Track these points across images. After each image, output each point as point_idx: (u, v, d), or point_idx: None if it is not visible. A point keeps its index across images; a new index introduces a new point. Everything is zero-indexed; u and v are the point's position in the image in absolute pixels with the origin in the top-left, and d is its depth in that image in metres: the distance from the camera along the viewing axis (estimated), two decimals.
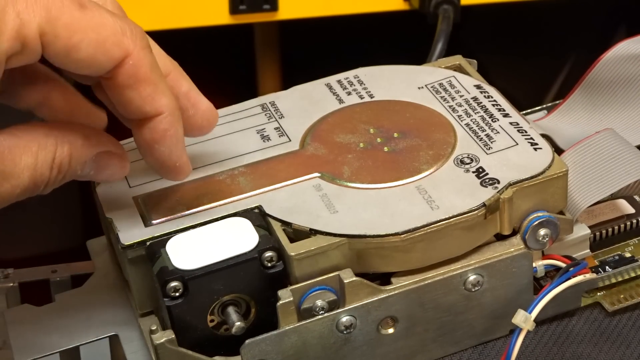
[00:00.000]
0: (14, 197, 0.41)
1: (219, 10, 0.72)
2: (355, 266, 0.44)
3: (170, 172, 0.44)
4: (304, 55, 0.88)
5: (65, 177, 0.42)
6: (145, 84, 0.42)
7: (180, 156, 0.44)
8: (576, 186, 0.48)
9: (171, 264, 0.43)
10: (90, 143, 0.43)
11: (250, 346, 0.43)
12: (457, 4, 0.72)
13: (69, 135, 0.42)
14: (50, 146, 0.41)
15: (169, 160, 0.44)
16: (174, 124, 0.43)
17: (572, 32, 0.88)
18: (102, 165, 0.43)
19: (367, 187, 0.46)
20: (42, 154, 0.41)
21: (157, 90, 0.42)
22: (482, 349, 0.47)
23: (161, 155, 0.43)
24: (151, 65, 0.42)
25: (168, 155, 0.43)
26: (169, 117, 0.42)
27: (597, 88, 0.54)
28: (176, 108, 0.43)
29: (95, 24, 0.40)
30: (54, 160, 0.41)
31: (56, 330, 0.48)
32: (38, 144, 0.41)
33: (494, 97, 0.50)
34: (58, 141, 0.41)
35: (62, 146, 0.41)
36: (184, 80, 0.45)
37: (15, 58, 0.39)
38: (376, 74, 0.53)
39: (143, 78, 0.41)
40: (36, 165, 0.41)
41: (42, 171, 0.41)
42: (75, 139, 0.42)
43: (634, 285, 0.49)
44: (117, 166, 0.44)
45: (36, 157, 0.41)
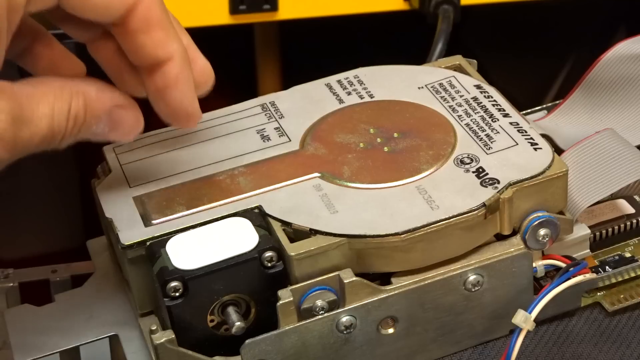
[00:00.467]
0: (33, 145, 0.41)
1: (219, 10, 0.72)
2: (355, 266, 0.44)
3: (182, 119, 0.44)
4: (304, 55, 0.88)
5: (81, 130, 0.42)
6: (158, 28, 0.42)
7: (192, 101, 0.44)
8: (576, 186, 0.48)
9: (171, 264, 0.43)
10: (104, 95, 0.43)
11: (250, 346, 0.43)
12: (457, 4, 0.72)
13: (83, 87, 0.42)
14: (66, 96, 0.41)
15: (182, 106, 0.44)
16: (185, 68, 0.43)
17: (572, 32, 0.88)
18: (116, 120, 0.43)
19: (367, 187, 0.46)
20: (59, 103, 0.41)
21: (169, 35, 0.43)
22: (482, 349, 0.47)
23: (174, 100, 0.44)
24: (162, 9, 0.42)
25: (180, 100, 0.44)
26: (181, 62, 0.43)
27: (597, 88, 0.54)
28: (186, 53, 0.43)
29: None
30: (69, 110, 0.41)
31: (56, 330, 0.48)
32: (54, 94, 0.41)
33: (494, 97, 0.50)
34: (73, 92, 0.42)
35: (77, 97, 0.42)
36: (183, 34, 0.45)
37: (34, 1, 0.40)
38: (376, 74, 0.53)
39: (155, 22, 0.42)
40: (53, 114, 0.41)
41: (59, 121, 0.41)
42: (89, 91, 0.42)
43: (634, 285, 0.49)
44: (131, 121, 0.44)
45: (53, 107, 0.41)
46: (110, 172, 0.48)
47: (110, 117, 0.43)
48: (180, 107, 0.44)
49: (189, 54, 0.45)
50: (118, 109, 0.43)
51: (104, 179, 0.48)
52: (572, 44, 0.88)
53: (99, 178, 0.49)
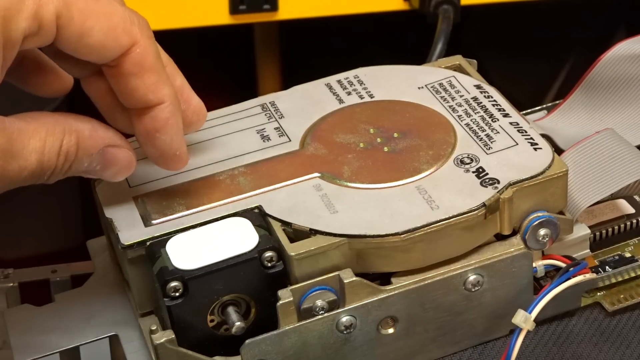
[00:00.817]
0: (20, 180, 0.41)
1: (219, 10, 0.72)
2: (355, 266, 0.44)
3: (169, 161, 0.45)
4: (304, 55, 0.88)
5: (71, 167, 0.42)
6: (150, 73, 0.42)
7: (180, 145, 0.44)
8: (576, 186, 0.48)
9: (171, 264, 0.43)
10: (97, 135, 0.43)
11: (250, 346, 0.43)
12: (457, 4, 0.72)
13: (77, 125, 0.43)
14: (58, 133, 0.42)
15: (170, 149, 0.44)
16: (174, 112, 0.44)
17: (572, 32, 0.88)
18: (109, 160, 0.44)
19: (367, 187, 0.46)
20: (50, 139, 0.41)
21: (160, 79, 0.43)
22: (482, 349, 0.47)
23: (162, 144, 0.44)
24: (156, 55, 0.43)
25: (169, 144, 0.44)
26: (171, 106, 0.43)
27: (597, 88, 0.54)
28: (177, 98, 0.44)
29: (107, 11, 0.41)
30: (61, 147, 0.42)
31: (56, 330, 0.48)
32: (46, 130, 0.41)
33: (494, 97, 0.50)
34: (66, 129, 0.42)
35: (70, 134, 0.42)
36: (177, 75, 0.46)
37: (31, 39, 0.40)
38: (376, 74, 0.53)
39: (148, 67, 0.42)
40: (44, 150, 0.41)
41: (50, 157, 0.41)
42: (82, 129, 0.43)
43: (634, 285, 0.49)
44: (123, 161, 0.44)
45: (44, 142, 0.41)
46: None
47: (103, 156, 0.43)
48: (169, 151, 0.44)
49: (183, 94, 0.46)
50: (111, 149, 0.44)
51: None
52: (572, 44, 0.88)
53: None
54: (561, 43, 0.88)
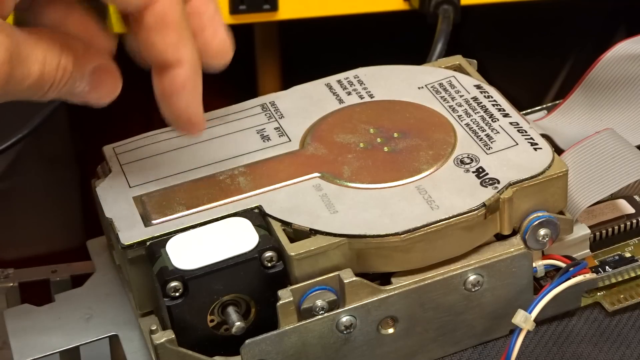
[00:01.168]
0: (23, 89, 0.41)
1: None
2: (355, 266, 0.44)
3: (184, 125, 0.44)
4: (304, 55, 0.88)
5: (67, 84, 0.42)
6: (170, 31, 0.42)
7: (197, 111, 0.44)
8: (576, 186, 0.48)
9: (171, 264, 0.43)
10: (90, 53, 0.43)
11: (250, 346, 0.43)
12: (457, 4, 0.72)
13: (73, 42, 0.42)
14: (57, 48, 0.41)
15: (185, 114, 0.44)
16: (193, 77, 0.43)
17: (572, 32, 0.88)
18: (98, 81, 0.43)
19: (367, 187, 0.46)
20: (50, 52, 0.41)
21: (181, 39, 0.42)
22: (482, 349, 0.47)
23: (178, 106, 0.43)
24: (179, 14, 0.42)
25: (185, 108, 0.44)
26: (189, 70, 0.43)
27: (597, 88, 0.54)
28: (198, 61, 0.43)
29: None
30: (60, 61, 0.41)
31: (56, 330, 0.48)
32: (47, 43, 0.41)
33: (494, 97, 0.50)
34: (63, 44, 0.42)
35: (68, 49, 0.42)
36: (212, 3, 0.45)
37: None
38: (376, 74, 0.53)
39: (169, 24, 0.42)
40: (45, 61, 0.41)
41: (50, 69, 0.41)
42: (77, 47, 0.42)
43: (634, 285, 0.49)
44: (111, 84, 0.44)
45: (45, 54, 0.41)
46: (110, 172, 0.48)
47: (93, 76, 0.43)
48: (184, 114, 0.44)
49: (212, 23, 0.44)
50: (101, 70, 0.43)
51: (104, 179, 0.48)
52: (572, 44, 0.88)
53: (99, 178, 0.49)
54: (561, 43, 0.88)
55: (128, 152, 0.49)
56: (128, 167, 0.48)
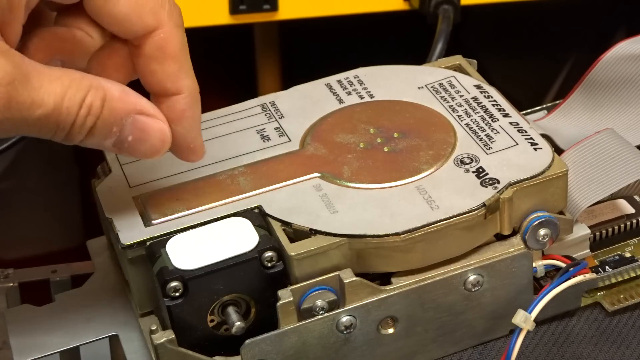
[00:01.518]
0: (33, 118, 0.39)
1: (219, 10, 0.72)
2: (355, 266, 0.44)
3: (183, 153, 0.44)
4: (304, 55, 0.88)
5: (96, 126, 0.40)
6: (171, 61, 0.42)
7: (196, 138, 0.44)
8: (576, 186, 0.48)
9: (171, 264, 0.43)
10: (128, 98, 0.41)
11: (250, 346, 0.43)
12: (457, 4, 0.72)
13: (107, 84, 0.40)
14: (84, 86, 0.40)
15: (184, 141, 0.43)
16: (192, 105, 0.43)
17: (572, 32, 0.88)
18: (142, 129, 0.41)
19: (367, 187, 0.46)
20: (74, 88, 0.39)
21: (182, 69, 0.42)
22: (482, 349, 0.47)
23: (176, 134, 0.43)
24: (181, 44, 0.42)
25: (183, 136, 0.43)
26: (189, 99, 0.43)
27: (597, 88, 0.54)
28: (196, 91, 0.43)
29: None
30: (84, 99, 0.39)
31: (56, 330, 0.48)
32: (71, 80, 0.39)
33: (494, 97, 0.50)
34: (94, 85, 0.40)
35: (97, 90, 0.40)
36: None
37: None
38: (376, 74, 0.53)
39: (170, 54, 0.42)
40: (64, 95, 0.39)
41: (70, 104, 0.39)
42: (112, 89, 0.40)
43: (634, 285, 0.49)
44: (158, 132, 0.42)
45: (66, 89, 0.39)
46: (110, 172, 0.48)
47: (135, 124, 0.41)
48: (183, 142, 0.43)
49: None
50: (144, 117, 0.41)
51: (104, 179, 0.48)
52: (572, 44, 0.88)
53: (99, 178, 0.49)
54: (561, 43, 0.88)
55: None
56: (128, 167, 0.48)
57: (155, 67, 0.42)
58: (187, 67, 0.42)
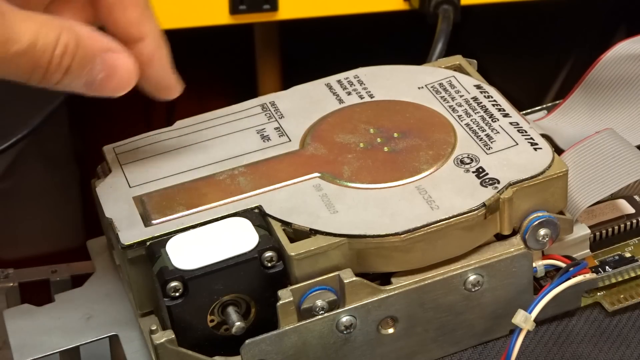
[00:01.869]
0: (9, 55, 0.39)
1: (219, 10, 0.72)
2: (355, 266, 0.44)
3: (161, 92, 0.46)
4: (304, 55, 0.88)
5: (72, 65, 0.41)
6: (132, 7, 0.43)
7: (169, 76, 0.45)
8: (576, 186, 0.48)
9: (171, 264, 0.43)
10: (97, 37, 0.42)
11: (250, 346, 0.43)
12: (457, 4, 0.72)
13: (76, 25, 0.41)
14: (56, 27, 0.40)
15: (158, 82, 0.45)
16: (159, 47, 0.44)
17: (572, 32, 0.88)
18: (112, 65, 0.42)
19: (367, 187, 0.46)
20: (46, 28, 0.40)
21: (143, 15, 0.44)
22: (482, 349, 0.47)
23: (150, 77, 0.45)
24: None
25: (157, 77, 0.45)
26: (154, 41, 0.44)
27: (597, 88, 0.54)
28: (160, 33, 0.44)
29: None
30: (59, 38, 0.40)
31: (56, 330, 0.48)
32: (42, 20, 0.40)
33: (494, 97, 0.50)
34: (64, 26, 0.41)
35: (69, 31, 0.41)
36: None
37: None
38: (376, 74, 0.53)
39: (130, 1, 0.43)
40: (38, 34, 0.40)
41: (45, 42, 0.40)
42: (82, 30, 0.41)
43: (634, 285, 0.49)
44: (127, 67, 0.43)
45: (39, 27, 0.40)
46: (110, 172, 0.48)
47: (105, 61, 0.42)
48: (157, 83, 0.45)
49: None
50: (113, 54, 0.42)
51: (104, 179, 0.48)
52: (572, 44, 0.88)
53: (99, 178, 0.49)
54: (561, 43, 0.88)
55: (128, 152, 0.49)
56: (128, 167, 0.48)
57: (118, 14, 0.43)
58: (148, 13, 0.44)
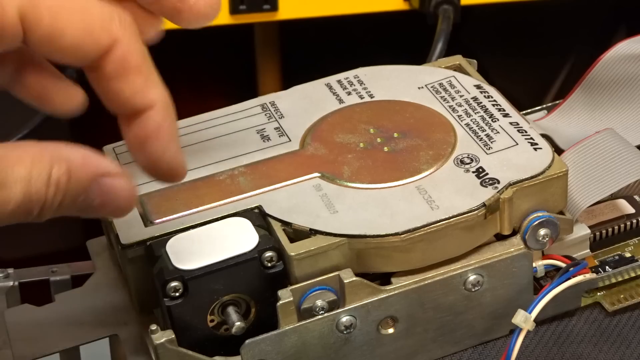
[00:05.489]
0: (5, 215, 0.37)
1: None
2: (355, 266, 0.44)
3: (164, 173, 0.41)
4: (304, 55, 0.88)
5: (64, 200, 0.38)
6: (135, 74, 0.39)
7: (175, 155, 0.40)
8: (576, 186, 0.48)
9: (171, 264, 0.43)
10: (90, 163, 0.38)
11: (250, 346, 0.43)
12: (457, 4, 0.72)
13: (67, 153, 0.38)
14: (46, 162, 0.37)
15: (162, 160, 0.40)
16: (167, 117, 0.40)
17: (572, 32, 0.88)
18: (107, 191, 0.39)
19: (367, 187, 0.46)
20: (37, 168, 0.37)
21: (148, 81, 0.39)
22: (482, 349, 0.47)
23: (153, 154, 0.40)
24: (141, 53, 0.39)
25: (161, 154, 0.40)
26: (162, 112, 0.39)
27: (597, 88, 0.54)
28: (169, 101, 0.40)
29: (82, 8, 0.37)
30: (50, 176, 0.37)
31: (56, 330, 0.48)
32: (32, 158, 0.37)
33: (494, 97, 0.50)
34: (54, 157, 0.37)
35: (60, 163, 0.37)
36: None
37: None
38: (376, 74, 0.53)
39: (133, 67, 0.39)
40: (30, 179, 0.37)
41: (38, 187, 0.37)
42: (73, 157, 0.38)
43: (634, 285, 0.49)
44: (124, 192, 0.39)
45: (30, 170, 0.37)
46: None
47: (100, 187, 0.38)
48: (162, 161, 0.40)
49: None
50: (107, 179, 0.39)
51: None
52: (572, 44, 0.88)
53: None
54: (561, 43, 0.88)
55: (128, 152, 0.49)
56: (128, 167, 0.48)
57: (120, 85, 0.39)
58: (153, 77, 0.39)
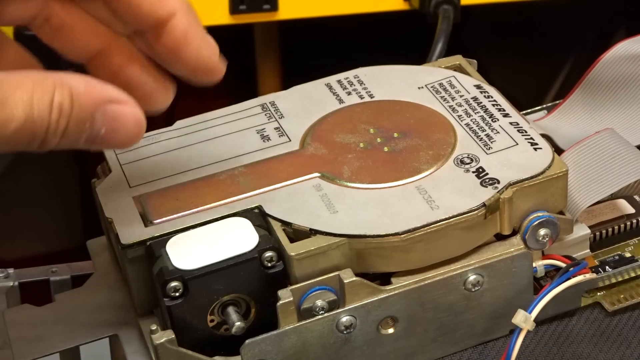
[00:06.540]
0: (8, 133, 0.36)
1: (219, 10, 0.72)
2: (355, 266, 0.44)
3: (204, 74, 0.41)
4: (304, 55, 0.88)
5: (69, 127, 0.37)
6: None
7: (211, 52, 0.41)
8: (576, 186, 0.48)
9: (171, 264, 0.43)
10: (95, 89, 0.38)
11: (250, 346, 0.43)
12: (457, 4, 0.72)
13: (70, 80, 0.37)
14: (48, 86, 0.36)
15: (199, 60, 0.41)
16: (192, 22, 0.40)
17: (572, 32, 0.88)
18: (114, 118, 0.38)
19: (367, 187, 0.46)
20: (39, 91, 0.36)
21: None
22: (482, 349, 0.47)
23: (190, 58, 0.40)
24: None
25: (196, 56, 0.41)
26: (185, 16, 0.40)
27: (597, 88, 0.54)
28: (189, 4, 0.40)
29: None
30: (52, 100, 0.36)
31: (56, 330, 0.48)
32: (33, 82, 0.36)
33: (494, 97, 0.50)
34: (57, 83, 0.37)
35: (62, 87, 0.37)
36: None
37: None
38: (376, 74, 0.53)
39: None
40: (32, 101, 0.36)
41: (40, 110, 0.36)
42: (76, 84, 0.37)
43: (634, 285, 0.49)
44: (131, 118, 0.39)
45: (31, 94, 0.36)
46: (110, 172, 0.48)
47: (106, 114, 0.38)
48: (199, 63, 0.41)
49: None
50: (114, 105, 0.38)
51: (104, 179, 0.48)
52: (572, 44, 0.88)
53: (99, 178, 0.49)
54: (561, 43, 0.88)
55: (128, 152, 0.49)
56: (128, 167, 0.48)
57: None
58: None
